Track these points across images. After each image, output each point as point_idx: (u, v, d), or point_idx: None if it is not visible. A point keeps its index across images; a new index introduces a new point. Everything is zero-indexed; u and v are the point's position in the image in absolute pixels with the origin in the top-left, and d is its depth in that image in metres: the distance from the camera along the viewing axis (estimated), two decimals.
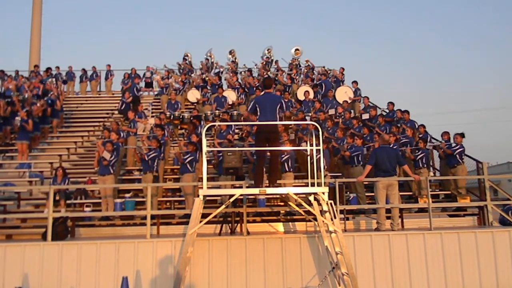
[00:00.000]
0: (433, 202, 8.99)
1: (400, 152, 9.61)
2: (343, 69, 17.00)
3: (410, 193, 10.40)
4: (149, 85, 18.69)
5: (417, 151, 10.31)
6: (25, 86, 15.87)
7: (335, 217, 6.70)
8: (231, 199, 6.73)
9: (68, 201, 9.57)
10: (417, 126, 11.71)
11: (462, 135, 9.94)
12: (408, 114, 12.32)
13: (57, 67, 18.87)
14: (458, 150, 9.81)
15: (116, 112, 15.74)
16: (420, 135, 11.13)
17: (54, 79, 17.88)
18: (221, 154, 10.01)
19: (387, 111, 13.59)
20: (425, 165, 10.23)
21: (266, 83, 7.75)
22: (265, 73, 17.50)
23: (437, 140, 11.10)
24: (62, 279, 7.17)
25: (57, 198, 9.16)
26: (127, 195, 10.22)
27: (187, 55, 19.41)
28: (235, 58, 19.26)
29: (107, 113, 16.28)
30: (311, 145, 6.92)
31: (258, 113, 7.28)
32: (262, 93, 7.92)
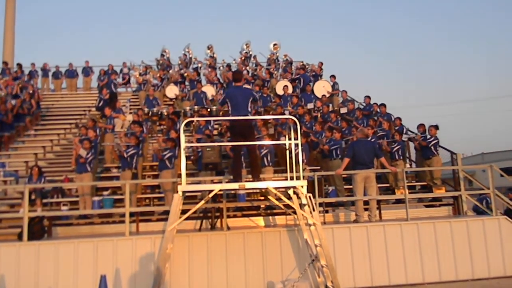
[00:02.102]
0: (409, 193, 9.16)
1: (377, 145, 9.77)
2: (322, 63, 17.11)
3: (387, 185, 10.58)
4: (126, 81, 18.44)
5: (393, 143, 10.50)
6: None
7: (314, 210, 6.78)
8: (211, 194, 6.72)
9: (44, 200, 9.38)
10: (393, 119, 11.90)
11: (436, 127, 10.15)
12: (385, 107, 12.51)
13: (33, 64, 18.41)
14: (433, 142, 10.02)
15: (93, 109, 15.48)
16: (396, 128, 11.32)
17: (28, 76, 17.47)
18: (200, 149, 9.98)
19: (364, 104, 13.78)
20: (401, 157, 10.43)
21: (236, 76, 7.66)
22: (243, 68, 17.48)
23: (412, 132, 11.31)
24: (40, 280, 7.06)
25: (33, 197, 8.97)
26: (105, 192, 10.09)
27: (165, 51, 19.19)
28: (214, 53, 19.17)
29: (84, 110, 16.00)
30: (290, 139, 6.96)
31: (230, 108, 7.23)
32: (232, 87, 7.82)
